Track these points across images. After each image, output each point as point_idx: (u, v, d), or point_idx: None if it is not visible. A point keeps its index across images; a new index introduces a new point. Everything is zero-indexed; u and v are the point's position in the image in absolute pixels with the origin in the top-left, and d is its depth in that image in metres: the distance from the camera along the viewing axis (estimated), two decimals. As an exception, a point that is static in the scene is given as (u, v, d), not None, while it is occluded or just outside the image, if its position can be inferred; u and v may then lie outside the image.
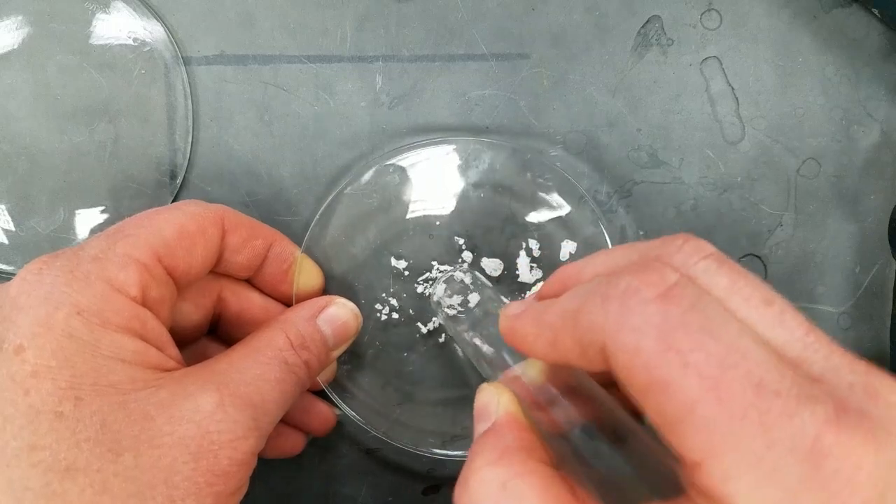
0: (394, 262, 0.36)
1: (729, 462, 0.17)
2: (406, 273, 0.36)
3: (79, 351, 0.25)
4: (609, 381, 0.24)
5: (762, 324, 0.19)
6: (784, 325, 0.19)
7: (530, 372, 0.26)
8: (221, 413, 0.26)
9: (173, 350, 0.28)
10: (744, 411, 0.17)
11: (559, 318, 0.22)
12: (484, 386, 0.26)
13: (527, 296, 0.36)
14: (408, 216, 0.36)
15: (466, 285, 0.33)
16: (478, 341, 0.30)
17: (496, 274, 0.36)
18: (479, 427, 0.25)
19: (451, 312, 0.33)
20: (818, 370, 0.19)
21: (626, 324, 0.19)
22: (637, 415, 0.23)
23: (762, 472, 0.17)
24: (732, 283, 0.20)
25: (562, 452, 0.23)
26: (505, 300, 0.32)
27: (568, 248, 0.36)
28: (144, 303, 0.27)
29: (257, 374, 0.28)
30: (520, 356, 0.27)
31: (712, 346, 0.18)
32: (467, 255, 0.36)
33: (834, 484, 0.16)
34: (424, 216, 0.36)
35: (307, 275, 0.34)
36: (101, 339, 0.25)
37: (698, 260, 0.21)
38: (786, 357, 0.19)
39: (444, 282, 0.34)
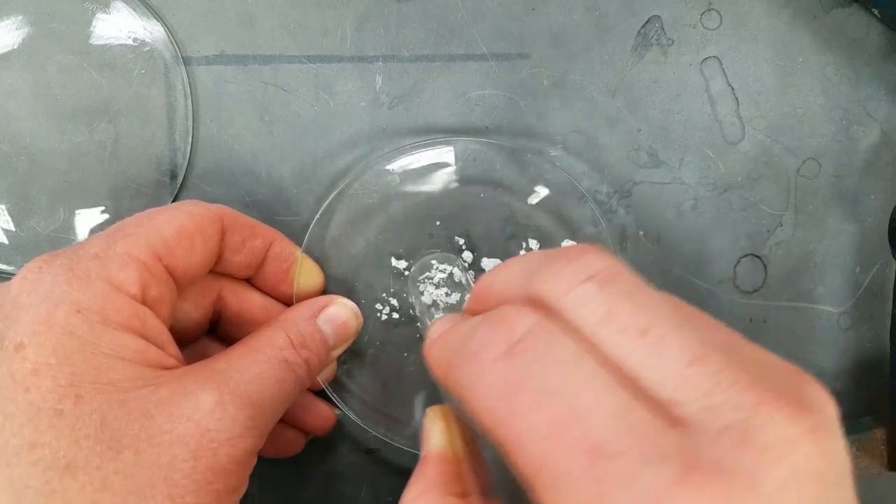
0: (394, 262, 0.36)
1: None
2: (406, 273, 0.36)
3: (79, 349, 0.25)
4: None
5: (636, 357, 0.18)
6: (662, 357, 0.18)
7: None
8: (221, 411, 0.26)
9: (173, 348, 0.28)
10: (577, 478, 0.16)
11: (441, 364, 0.23)
12: (427, 410, 0.28)
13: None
14: (408, 216, 0.36)
15: (457, 283, 0.33)
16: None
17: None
18: (422, 449, 0.27)
19: (427, 300, 0.33)
20: (691, 412, 0.17)
21: (476, 386, 0.19)
22: None
23: None
24: (608, 311, 0.19)
25: (492, 474, 0.24)
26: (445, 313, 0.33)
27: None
28: (144, 301, 0.27)
29: (257, 373, 0.28)
30: None
31: (552, 407, 0.17)
32: (467, 255, 0.36)
33: None
34: (424, 216, 0.36)
35: (307, 274, 0.34)
36: (101, 337, 0.25)
37: (575, 285, 0.19)
38: (656, 398, 0.17)
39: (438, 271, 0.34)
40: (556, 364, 0.18)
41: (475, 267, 0.36)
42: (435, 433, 0.26)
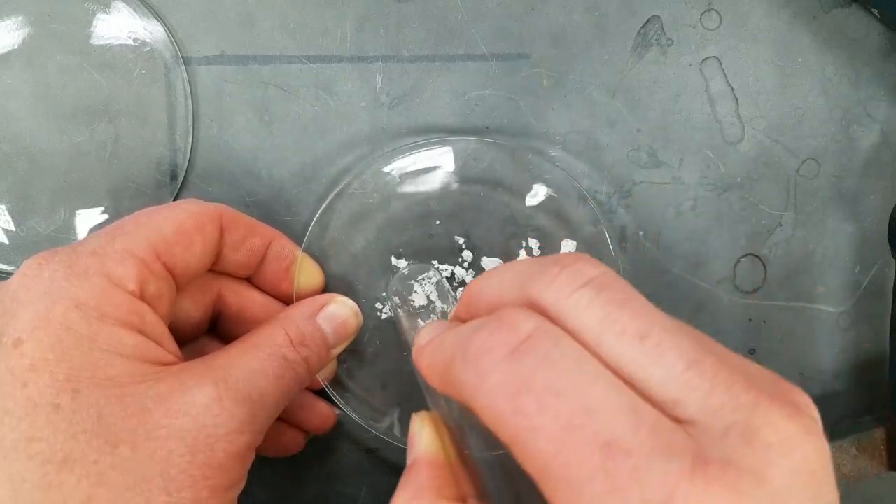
0: (394, 261, 0.36)
1: None
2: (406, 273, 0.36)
3: (77, 344, 0.25)
4: None
5: (636, 362, 0.18)
6: (661, 362, 0.18)
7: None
8: (218, 407, 0.26)
9: (172, 345, 0.28)
10: (590, 475, 0.17)
11: (436, 367, 0.23)
12: (414, 416, 0.27)
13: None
14: (408, 216, 0.36)
15: (436, 288, 0.34)
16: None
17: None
18: (409, 455, 0.26)
19: (401, 312, 0.33)
20: (693, 412, 0.18)
21: (480, 387, 0.19)
22: None
23: None
24: (606, 316, 0.19)
25: (482, 475, 0.24)
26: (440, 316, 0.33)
27: (568, 247, 0.36)
28: (143, 298, 0.27)
29: (255, 370, 0.28)
30: None
31: (558, 406, 0.18)
32: (467, 255, 0.36)
33: None
34: (424, 216, 0.36)
35: (307, 274, 0.34)
36: (99, 332, 0.25)
37: (572, 292, 0.20)
38: (657, 399, 0.18)
39: (412, 279, 0.34)
40: (563, 363, 0.18)
41: (475, 266, 0.36)
42: (424, 438, 0.26)
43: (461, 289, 0.36)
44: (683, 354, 0.18)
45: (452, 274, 0.36)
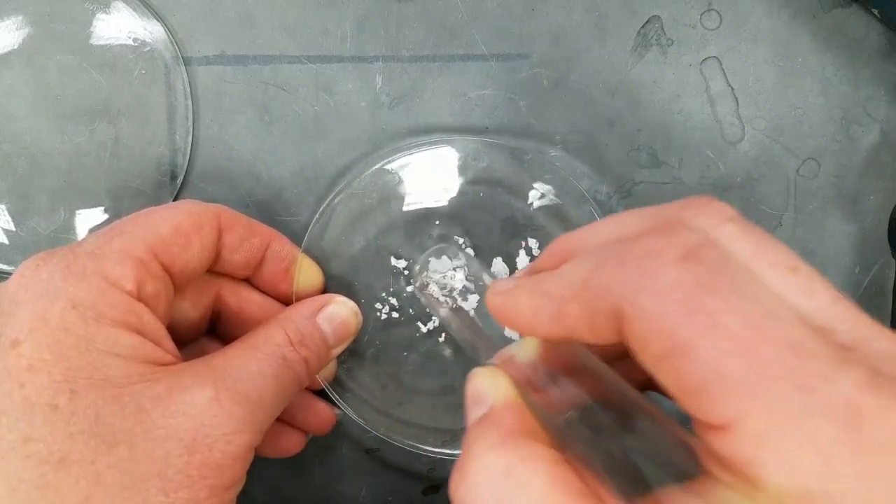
0: (394, 261, 0.36)
1: (762, 424, 0.16)
2: (406, 273, 0.36)
3: (74, 345, 0.25)
4: (610, 356, 0.23)
5: (789, 291, 0.18)
6: (811, 294, 0.18)
7: (525, 352, 0.24)
8: (217, 407, 0.26)
9: (170, 345, 0.28)
10: (780, 372, 0.16)
11: (564, 287, 0.20)
12: (477, 370, 0.24)
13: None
14: (408, 216, 0.36)
15: (456, 266, 0.33)
16: (467, 324, 0.29)
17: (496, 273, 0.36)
18: (474, 412, 0.23)
19: (440, 297, 0.32)
20: (847, 339, 0.18)
21: (647, 287, 0.18)
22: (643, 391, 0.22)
23: (798, 434, 0.16)
24: (757, 248, 0.19)
25: (565, 437, 0.21)
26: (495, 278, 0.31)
27: (568, 247, 0.36)
28: (140, 298, 0.27)
29: (254, 370, 0.28)
30: (510, 338, 0.26)
31: (744, 307, 0.17)
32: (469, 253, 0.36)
33: (872, 448, 0.16)
34: (424, 216, 0.36)
35: (307, 274, 0.34)
36: (96, 333, 0.25)
37: (721, 223, 0.19)
38: (814, 325, 0.18)
39: (433, 262, 0.33)
40: (741, 272, 0.18)
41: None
42: (501, 386, 0.23)
43: (463, 288, 0.36)
44: (829, 290, 0.18)
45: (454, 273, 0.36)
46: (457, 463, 0.21)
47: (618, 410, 0.21)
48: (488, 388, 0.23)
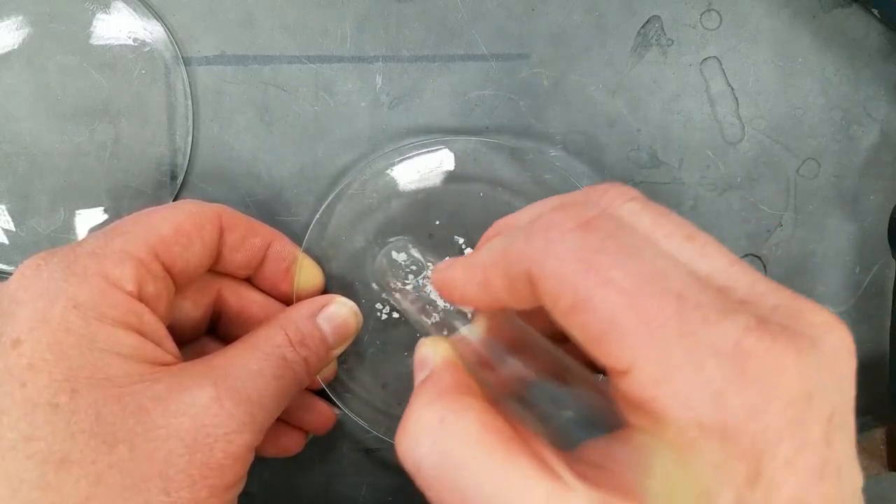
0: (394, 254, 0.36)
1: (653, 367, 0.18)
2: (413, 267, 0.36)
3: (75, 344, 0.25)
4: (549, 333, 0.25)
5: (685, 257, 0.20)
6: (707, 258, 0.20)
7: (475, 332, 0.26)
8: (217, 407, 0.26)
9: (170, 345, 0.28)
10: (664, 320, 0.18)
11: (488, 258, 0.22)
12: (422, 340, 0.26)
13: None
14: (408, 216, 0.36)
15: (412, 258, 0.33)
16: (420, 310, 0.30)
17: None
18: (419, 377, 0.25)
19: (396, 286, 0.33)
20: (742, 295, 0.20)
21: (549, 252, 0.20)
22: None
23: (687, 374, 0.17)
24: (655, 220, 0.21)
25: (508, 404, 0.23)
26: None
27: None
28: (141, 298, 0.27)
29: (255, 370, 0.28)
30: (462, 322, 0.28)
31: (630, 264, 0.19)
32: (469, 253, 0.36)
33: (758, 384, 0.17)
34: (424, 216, 0.36)
35: (307, 274, 0.34)
36: (97, 332, 0.25)
37: (623, 202, 0.22)
38: (713, 285, 0.19)
39: (386, 259, 0.34)
40: (630, 238, 0.20)
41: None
42: (440, 350, 0.25)
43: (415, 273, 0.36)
44: (726, 255, 0.20)
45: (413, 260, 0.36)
46: (400, 422, 0.23)
47: (552, 376, 0.23)
48: (430, 352, 0.25)
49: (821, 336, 0.18)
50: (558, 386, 0.22)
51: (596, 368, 0.22)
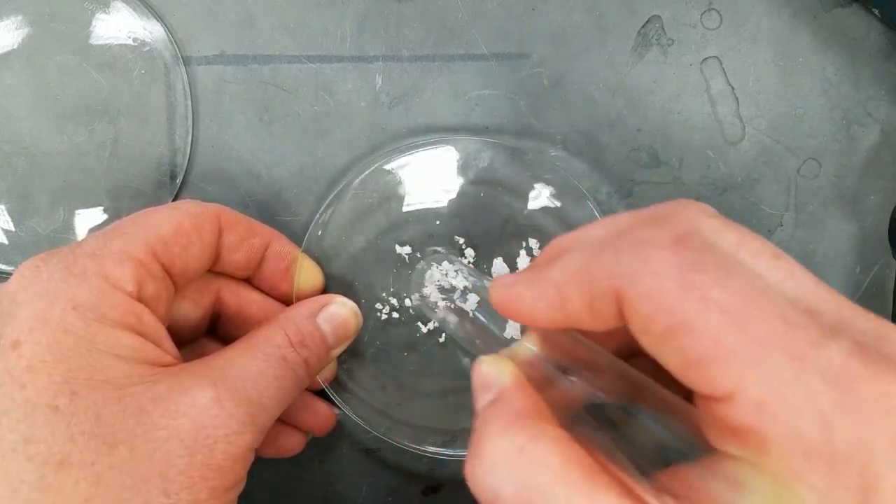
0: (398, 248, 0.36)
1: (760, 391, 0.17)
2: (408, 259, 0.36)
3: (74, 346, 0.25)
4: (613, 350, 0.24)
5: (773, 277, 0.19)
6: (794, 279, 0.19)
7: (525, 350, 0.25)
8: (217, 408, 0.26)
9: (170, 346, 0.28)
10: (772, 341, 0.17)
11: (564, 274, 0.21)
12: (482, 358, 0.24)
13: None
14: (408, 216, 0.36)
15: (457, 269, 0.33)
16: (469, 326, 0.30)
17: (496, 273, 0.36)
18: (483, 398, 0.23)
19: (441, 303, 0.32)
20: (831, 319, 0.19)
21: (644, 269, 0.19)
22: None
23: (797, 399, 0.17)
24: (740, 238, 0.20)
25: (574, 425, 0.22)
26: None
27: (568, 247, 0.36)
28: (140, 298, 0.27)
29: (255, 371, 0.28)
30: (512, 339, 0.26)
31: (731, 284, 0.18)
32: (469, 253, 0.36)
33: (865, 409, 0.17)
34: (424, 216, 0.36)
35: (307, 274, 0.34)
36: (96, 334, 0.25)
37: (705, 219, 0.21)
38: (799, 306, 0.19)
39: (433, 268, 0.34)
40: (726, 255, 0.19)
41: (476, 266, 0.36)
42: (507, 367, 0.23)
43: (464, 288, 0.36)
44: (811, 276, 0.20)
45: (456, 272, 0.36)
46: (470, 448, 0.21)
47: (621, 395, 0.22)
48: (494, 373, 0.23)
49: None
50: (632, 406, 0.21)
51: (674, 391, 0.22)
